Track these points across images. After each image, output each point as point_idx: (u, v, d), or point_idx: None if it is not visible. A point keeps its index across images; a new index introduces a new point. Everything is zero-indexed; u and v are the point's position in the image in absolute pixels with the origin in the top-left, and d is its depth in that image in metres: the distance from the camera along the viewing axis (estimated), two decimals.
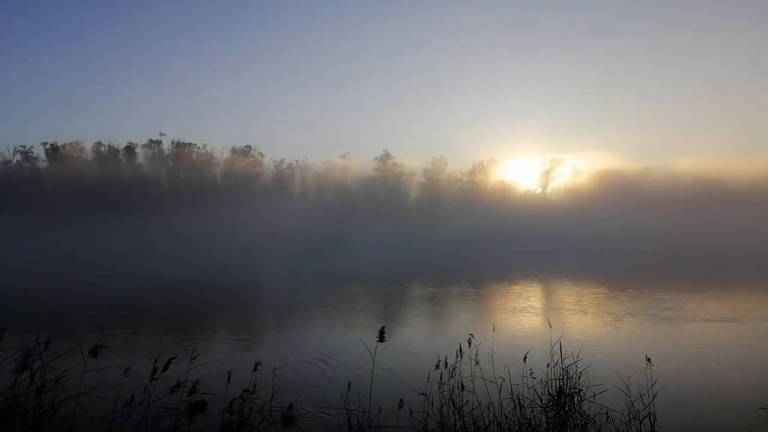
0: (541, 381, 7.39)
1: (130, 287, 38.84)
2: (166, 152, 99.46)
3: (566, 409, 6.85)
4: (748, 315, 21.64)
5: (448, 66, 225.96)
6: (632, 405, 6.93)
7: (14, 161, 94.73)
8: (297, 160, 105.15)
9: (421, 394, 7.07)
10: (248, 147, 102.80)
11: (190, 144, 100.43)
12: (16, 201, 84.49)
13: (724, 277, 38.83)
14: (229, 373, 6.83)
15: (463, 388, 7.12)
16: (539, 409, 6.97)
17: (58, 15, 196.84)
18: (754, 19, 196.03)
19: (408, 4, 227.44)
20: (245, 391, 6.66)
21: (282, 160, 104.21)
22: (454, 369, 7.29)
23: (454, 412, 6.84)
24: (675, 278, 38.35)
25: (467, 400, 7.05)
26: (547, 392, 7.11)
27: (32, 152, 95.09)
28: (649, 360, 7.51)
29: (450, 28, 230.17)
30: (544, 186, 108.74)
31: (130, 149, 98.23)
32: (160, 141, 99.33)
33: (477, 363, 7.47)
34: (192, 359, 7.05)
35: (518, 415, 6.90)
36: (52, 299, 31.91)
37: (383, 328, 7.28)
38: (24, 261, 62.25)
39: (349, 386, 6.97)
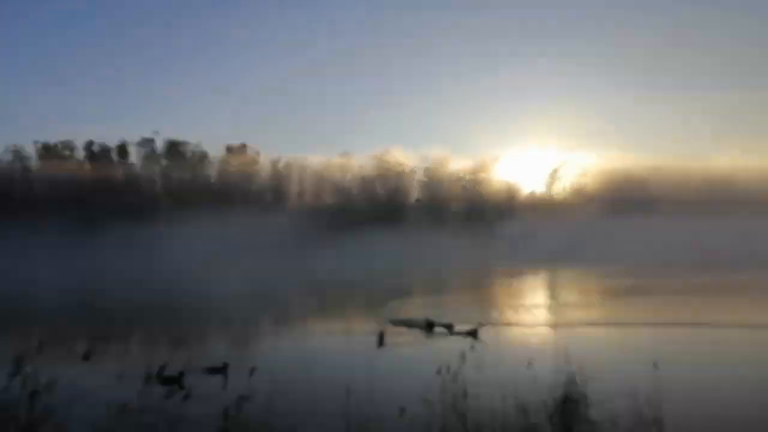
0: (546, 386, 7.25)
1: (125, 289, 38.53)
2: (160, 151, 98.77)
3: (572, 415, 6.73)
4: (756, 319, 21.37)
5: (449, 64, 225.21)
6: (639, 411, 6.80)
7: (5, 160, 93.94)
8: (295, 159, 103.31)
9: (423, 399, 6.91)
10: (244, 145, 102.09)
11: (184, 142, 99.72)
12: (7, 200, 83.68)
13: (728, 279, 38.56)
14: (226, 377, 6.68)
15: (465, 395, 6.96)
16: (544, 415, 6.84)
17: (51, 14, 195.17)
18: (753, 17, 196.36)
19: (411, 2, 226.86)
20: (242, 396, 6.52)
21: (279, 159, 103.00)
22: (456, 374, 7.12)
23: (456, 419, 6.68)
24: (681, 280, 38.07)
25: (470, 407, 6.89)
26: (552, 398, 6.98)
27: (24, 152, 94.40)
28: (656, 365, 7.41)
29: (451, 26, 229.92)
30: (549, 185, 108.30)
31: (122, 148, 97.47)
32: (154, 139, 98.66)
33: (480, 367, 7.33)
34: (190, 362, 6.90)
35: (522, 422, 6.76)
36: (43, 302, 31.59)
37: (382, 332, 7.14)
38: (17, 262, 61.70)
39: (348, 391, 6.83)
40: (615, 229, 78.70)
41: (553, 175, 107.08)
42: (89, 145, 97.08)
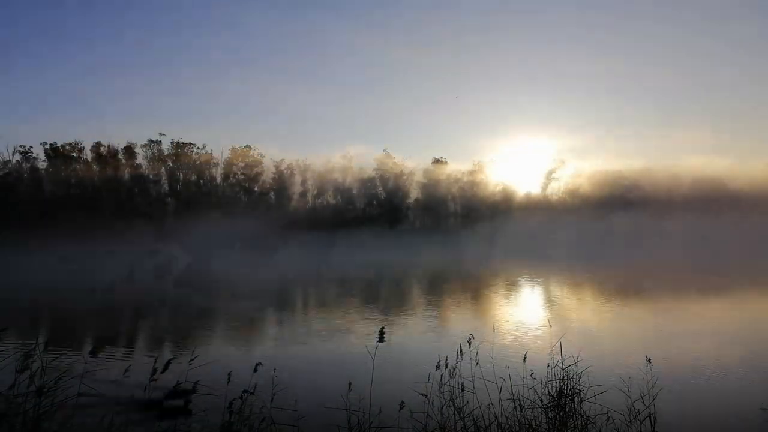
0: (542, 382, 7.37)
1: (129, 288, 38.83)
2: (166, 152, 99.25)
3: (567, 409, 6.84)
4: (747, 315, 21.62)
5: (448, 66, 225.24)
6: (633, 406, 6.91)
7: (14, 161, 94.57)
8: (297, 160, 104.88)
9: (422, 394, 7.04)
10: (248, 147, 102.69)
11: (190, 144, 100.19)
12: (15, 201, 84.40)
13: (723, 277, 38.77)
14: (229, 374, 6.81)
15: (463, 389, 7.09)
16: (540, 409, 6.95)
17: (57, 15, 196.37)
18: (754, 19, 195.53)
19: (408, 3, 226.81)
20: (245, 391, 6.65)
21: (282, 160, 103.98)
22: (454, 370, 7.25)
23: (454, 413, 6.81)
24: (675, 279, 38.32)
25: (467, 401, 7.02)
26: (547, 393, 7.09)
27: (31, 152, 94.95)
28: (649, 360, 7.50)
29: (451, 27, 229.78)
30: (545, 186, 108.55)
31: (129, 149, 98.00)
32: (160, 141, 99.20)
33: (477, 363, 7.43)
34: (191, 360, 7.01)
35: (519, 416, 6.88)
36: (50, 300, 31.89)
37: (383, 328, 7.26)
38: (22, 262, 62.24)
39: (349, 387, 6.95)
40: (610, 228, 78.64)
41: (549, 177, 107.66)
42: (96, 146, 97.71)
